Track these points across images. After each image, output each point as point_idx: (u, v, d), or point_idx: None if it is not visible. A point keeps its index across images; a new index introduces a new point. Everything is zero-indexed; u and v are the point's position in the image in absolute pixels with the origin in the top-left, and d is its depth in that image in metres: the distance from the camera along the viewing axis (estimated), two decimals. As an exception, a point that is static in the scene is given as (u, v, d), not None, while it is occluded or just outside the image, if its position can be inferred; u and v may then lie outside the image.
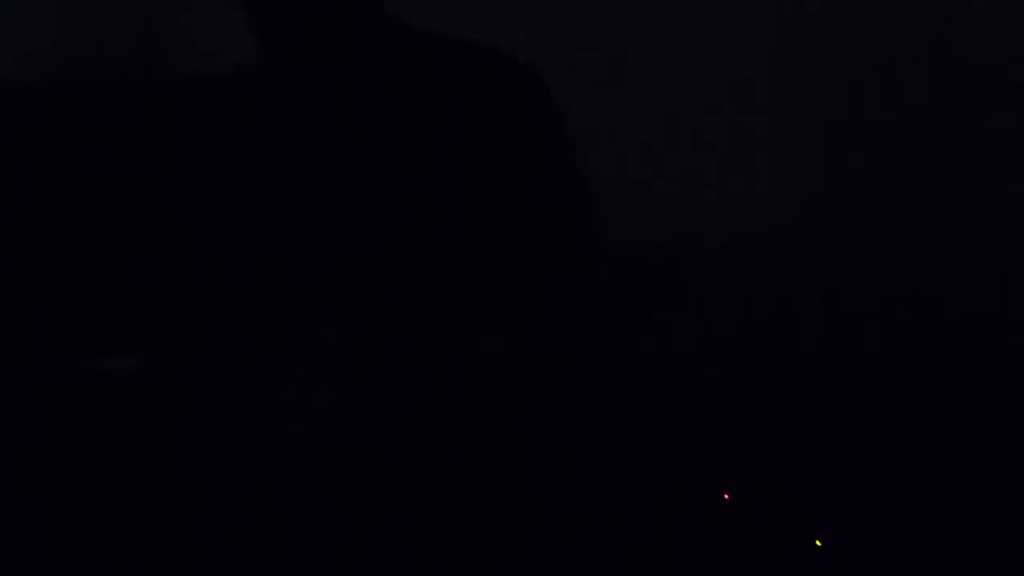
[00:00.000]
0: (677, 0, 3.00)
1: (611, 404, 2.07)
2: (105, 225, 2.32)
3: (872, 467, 2.49)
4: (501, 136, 1.85)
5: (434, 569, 1.78)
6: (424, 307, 1.85)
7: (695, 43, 3.02)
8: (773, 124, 2.93)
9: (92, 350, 2.26)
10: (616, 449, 1.99)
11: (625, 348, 2.21)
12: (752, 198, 2.79)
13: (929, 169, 2.76)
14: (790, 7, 2.92)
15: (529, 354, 1.81)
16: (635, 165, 2.77)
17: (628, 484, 1.97)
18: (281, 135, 1.96)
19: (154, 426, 2.10)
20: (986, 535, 2.42)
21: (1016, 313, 2.55)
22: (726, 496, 2.05)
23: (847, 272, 2.67)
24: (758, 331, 2.54)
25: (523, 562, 1.77)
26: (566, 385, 1.90)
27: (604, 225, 1.88)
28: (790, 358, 2.48)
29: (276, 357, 1.88)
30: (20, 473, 2.22)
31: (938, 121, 2.79)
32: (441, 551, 1.78)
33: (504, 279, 1.88)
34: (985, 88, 2.80)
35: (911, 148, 2.84)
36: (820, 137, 2.89)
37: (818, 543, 1.97)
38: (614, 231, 1.90)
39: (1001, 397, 2.47)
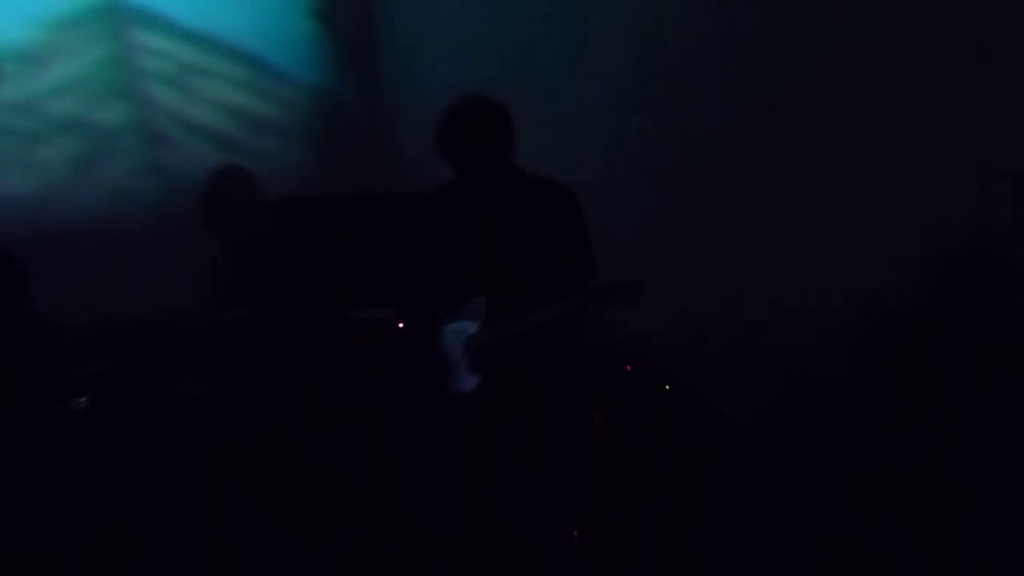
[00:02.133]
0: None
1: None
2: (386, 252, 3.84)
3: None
4: (559, 219, 3.19)
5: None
6: (524, 292, 3.14)
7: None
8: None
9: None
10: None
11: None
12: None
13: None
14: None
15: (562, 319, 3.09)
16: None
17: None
18: (466, 217, 3.26)
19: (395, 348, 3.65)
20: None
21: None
22: (628, 368, 3.68)
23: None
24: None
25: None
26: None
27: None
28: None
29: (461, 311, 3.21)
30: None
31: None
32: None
33: (556, 281, 3.13)
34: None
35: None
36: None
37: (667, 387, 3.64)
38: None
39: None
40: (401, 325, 3.65)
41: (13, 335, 3.72)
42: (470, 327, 3.17)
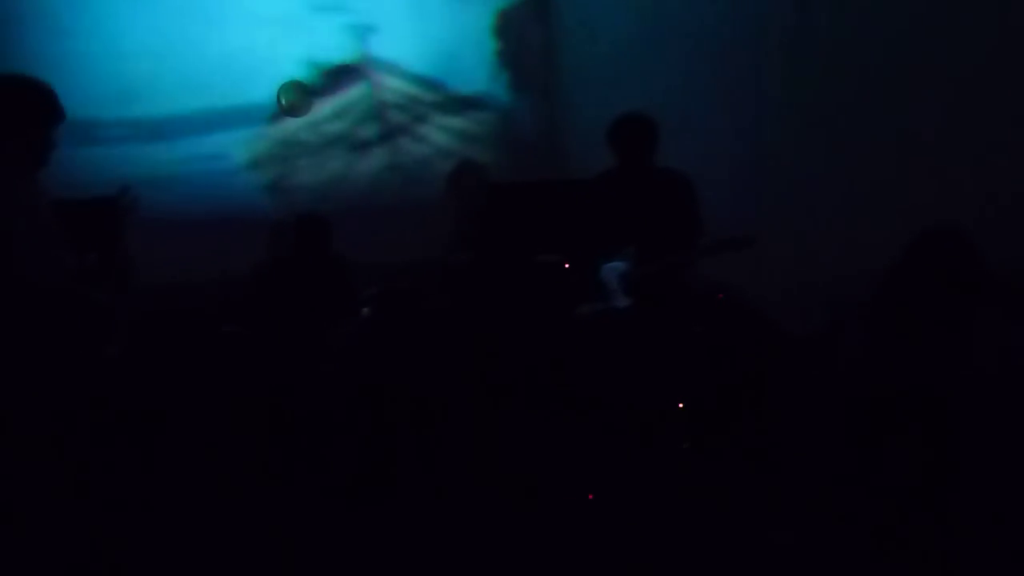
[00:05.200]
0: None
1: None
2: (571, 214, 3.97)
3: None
4: (683, 191, 3.63)
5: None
6: (659, 244, 3.55)
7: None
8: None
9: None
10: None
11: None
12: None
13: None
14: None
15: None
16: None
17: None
18: (621, 190, 3.66)
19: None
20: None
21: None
22: (720, 296, 4.23)
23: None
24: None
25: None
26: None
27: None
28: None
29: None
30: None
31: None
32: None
33: (678, 237, 3.57)
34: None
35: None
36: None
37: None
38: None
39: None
40: (567, 265, 4.05)
41: (326, 268, 4.40)
42: (623, 266, 3.60)
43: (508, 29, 5.93)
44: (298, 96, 5.08)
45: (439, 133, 5.92)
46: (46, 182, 2.72)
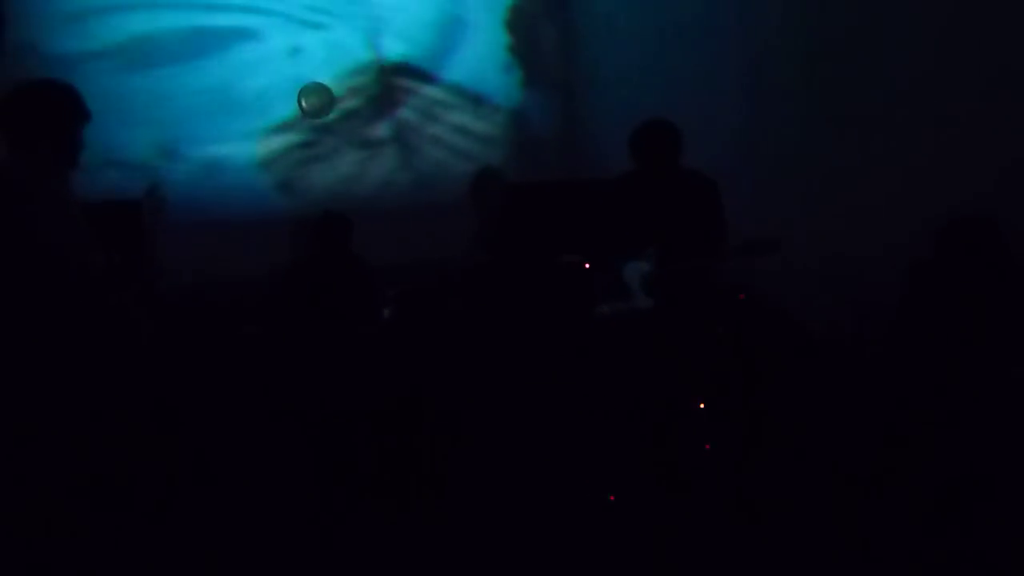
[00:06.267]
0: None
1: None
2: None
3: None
4: (707, 194, 3.63)
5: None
6: (682, 245, 3.53)
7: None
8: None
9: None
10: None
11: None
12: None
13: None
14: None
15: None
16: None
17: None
18: (644, 191, 3.66)
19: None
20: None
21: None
22: (741, 296, 4.12)
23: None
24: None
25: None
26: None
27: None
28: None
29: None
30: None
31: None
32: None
33: (701, 238, 3.54)
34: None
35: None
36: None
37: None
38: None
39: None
40: (587, 266, 3.96)
41: (347, 267, 4.39)
42: (645, 266, 3.62)
43: (520, 24, 5.92)
44: (320, 99, 5.09)
45: (451, 133, 5.89)
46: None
